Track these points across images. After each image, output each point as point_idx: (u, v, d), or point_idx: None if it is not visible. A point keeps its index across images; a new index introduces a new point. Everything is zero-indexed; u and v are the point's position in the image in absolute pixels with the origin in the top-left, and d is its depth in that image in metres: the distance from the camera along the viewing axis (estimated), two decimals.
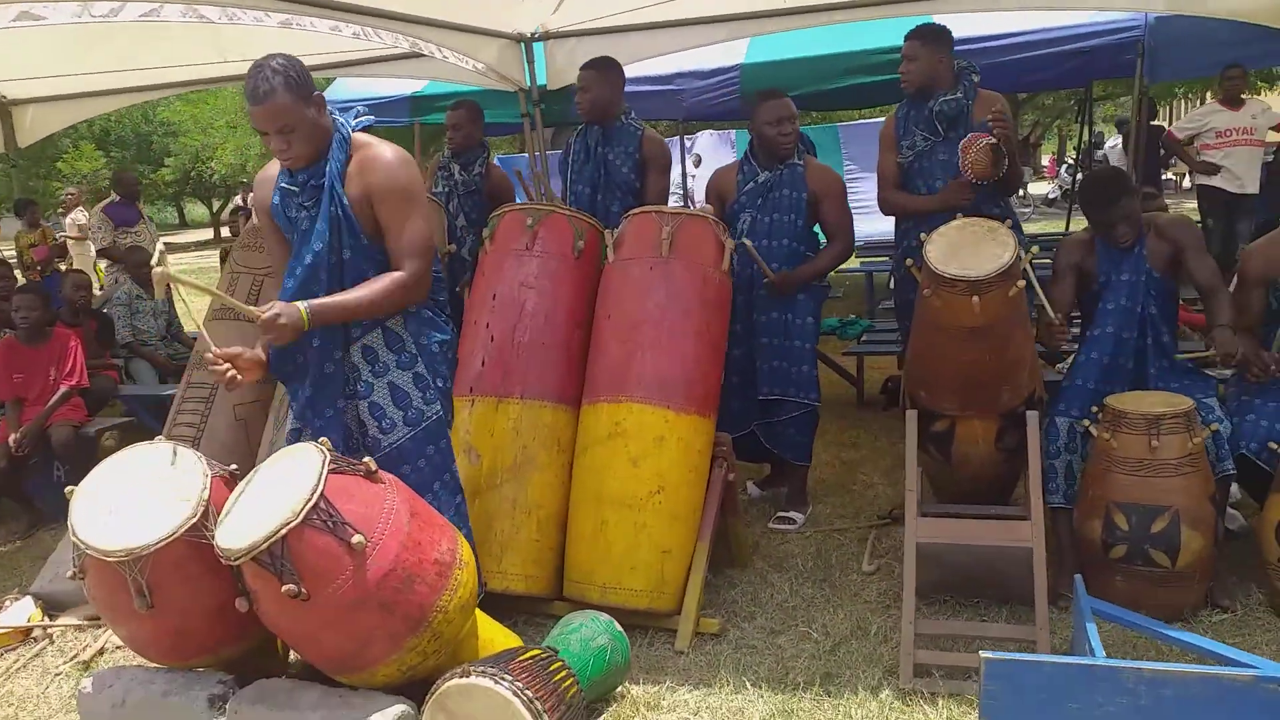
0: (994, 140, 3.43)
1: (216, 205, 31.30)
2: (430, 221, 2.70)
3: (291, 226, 2.66)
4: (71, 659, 3.13)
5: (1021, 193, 17.96)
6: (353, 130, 2.64)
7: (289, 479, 2.35)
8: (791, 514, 3.88)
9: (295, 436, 2.72)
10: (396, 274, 2.57)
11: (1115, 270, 3.22)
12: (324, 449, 2.40)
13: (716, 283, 3.33)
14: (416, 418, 2.72)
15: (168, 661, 2.60)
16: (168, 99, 21.59)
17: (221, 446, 3.57)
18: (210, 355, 2.48)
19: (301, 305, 2.46)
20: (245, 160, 22.83)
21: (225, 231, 18.41)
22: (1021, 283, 2.89)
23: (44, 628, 3.33)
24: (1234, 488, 3.29)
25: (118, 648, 3.20)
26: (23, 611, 3.36)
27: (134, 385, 5.58)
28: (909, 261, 3.07)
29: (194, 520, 2.40)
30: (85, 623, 3.36)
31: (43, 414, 4.44)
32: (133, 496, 2.46)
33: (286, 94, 2.46)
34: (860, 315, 6.79)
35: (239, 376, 2.48)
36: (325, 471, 2.32)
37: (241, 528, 2.30)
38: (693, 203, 10.97)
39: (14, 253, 12.37)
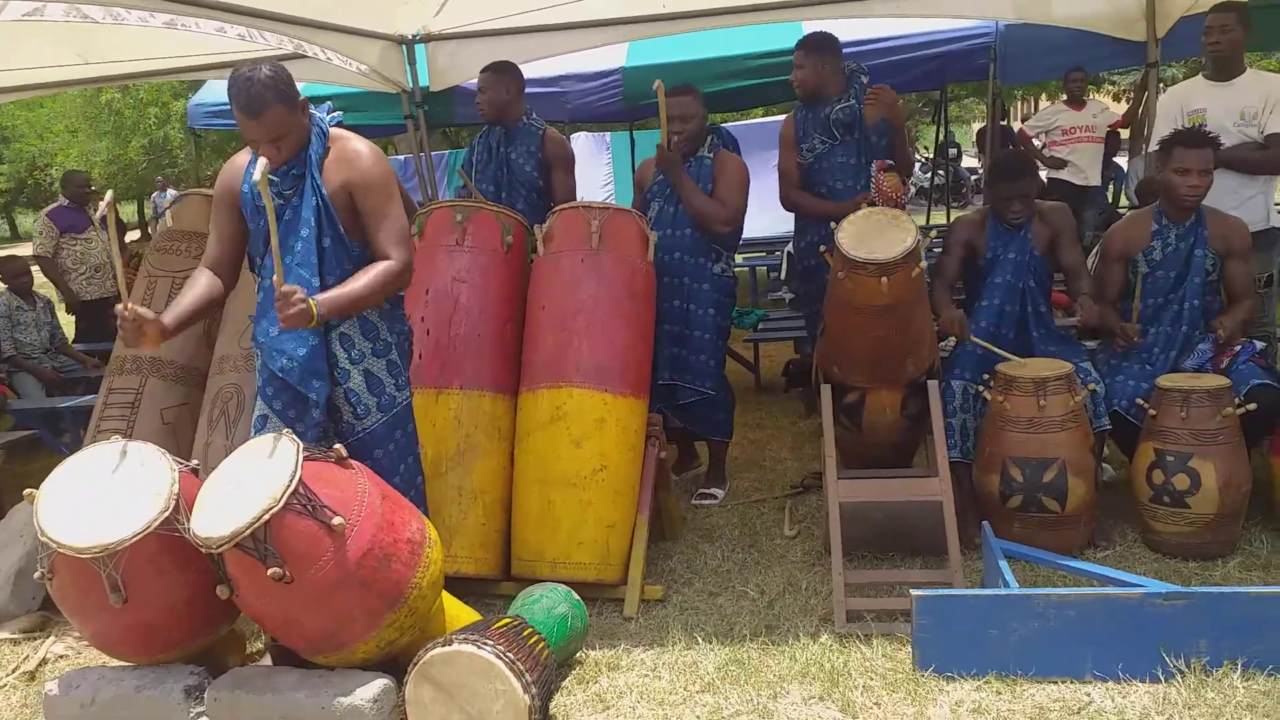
0: (892, 163, 3.78)
1: None
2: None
3: (260, 215, 2.70)
4: (13, 671, 3.06)
5: None
6: (328, 125, 2.72)
7: (263, 468, 2.42)
8: (713, 490, 4.11)
9: (262, 424, 2.76)
10: (387, 263, 2.66)
11: (1004, 248, 3.61)
12: (294, 438, 2.47)
13: (643, 273, 3.54)
14: (389, 404, 2.82)
15: (137, 658, 2.61)
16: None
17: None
18: (121, 307, 2.48)
19: (311, 300, 2.50)
20: (90, 167, 21.62)
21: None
22: (923, 264, 3.21)
23: None
24: None
25: (60, 657, 3.15)
26: None
27: (21, 400, 5.36)
28: (822, 248, 3.34)
29: (166, 513, 2.43)
30: (20, 636, 3.28)
31: None
32: (98, 495, 2.47)
33: (281, 105, 2.53)
34: (748, 306, 7.13)
35: (143, 335, 2.50)
36: (300, 458, 2.41)
37: (219, 517, 2.35)
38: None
39: None
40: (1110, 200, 8.23)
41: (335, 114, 2.77)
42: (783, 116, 4.63)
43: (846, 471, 3.58)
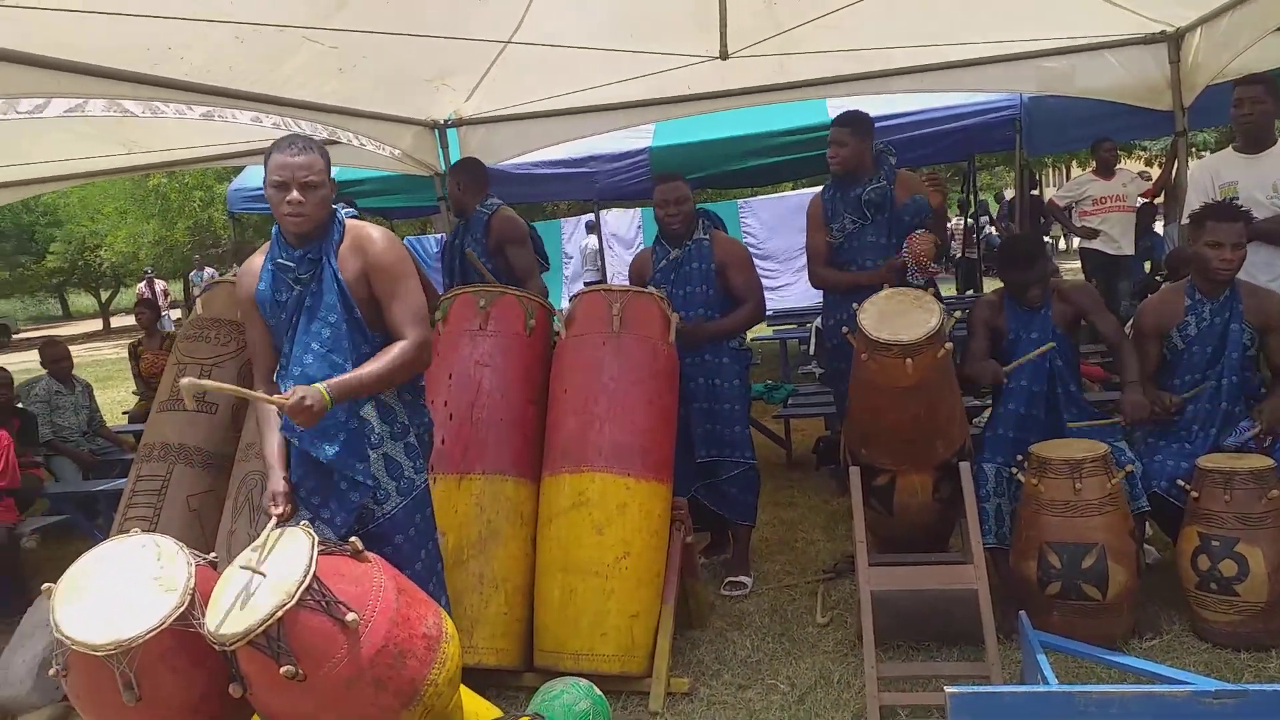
0: (934, 236, 3.77)
1: (105, 295, 30.28)
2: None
3: (280, 310, 2.72)
4: None
5: None
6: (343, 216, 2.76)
7: (278, 563, 2.39)
8: (740, 578, 4.02)
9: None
10: (402, 343, 2.66)
11: (1024, 329, 3.55)
12: (309, 531, 2.45)
13: (665, 355, 3.52)
14: (408, 487, 2.80)
15: None
16: None
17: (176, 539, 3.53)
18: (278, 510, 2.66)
19: (321, 386, 2.51)
20: (138, 248, 22.26)
21: (130, 321, 17.86)
22: (949, 345, 3.15)
23: None
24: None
25: None
26: None
27: (58, 483, 5.42)
28: (845, 330, 3.31)
29: (182, 609, 2.40)
30: None
31: None
32: (114, 589, 2.45)
33: (320, 159, 2.65)
34: (778, 380, 7.08)
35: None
36: (315, 553, 2.38)
37: (234, 614, 2.32)
38: (606, 277, 11.24)
39: None
40: (1148, 271, 8.11)
41: (349, 209, 2.82)
42: (811, 190, 4.65)
43: (879, 557, 3.49)
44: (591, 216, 12.22)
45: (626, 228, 14.16)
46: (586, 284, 10.76)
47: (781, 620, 3.63)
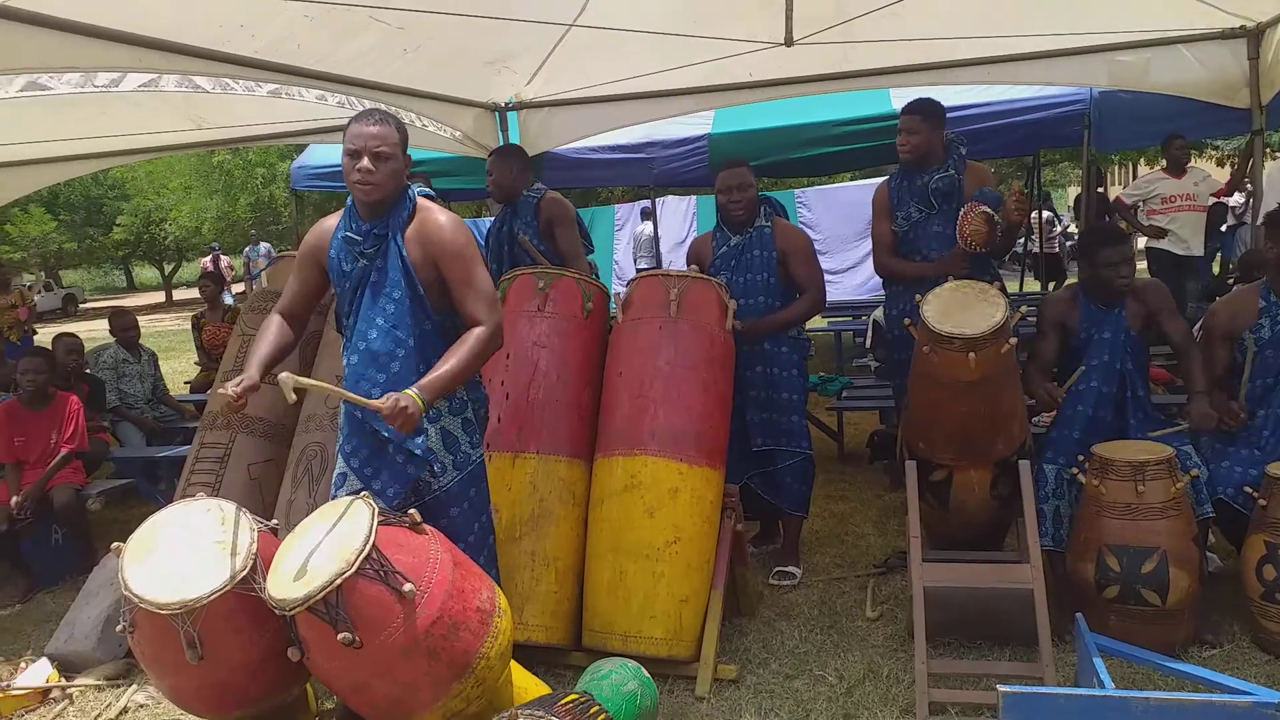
0: (988, 210, 3.66)
1: (169, 268, 30.97)
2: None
3: (344, 279, 2.77)
4: (95, 718, 3.13)
5: None
6: (415, 195, 2.80)
7: (339, 531, 2.44)
8: (790, 569, 4.00)
9: (341, 481, 2.80)
10: (478, 330, 2.69)
11: (1097, 328, 3.46)
12: (370, 502, 2.49)
13: (722, 341, 3.50)
14: (464, 461, 2.83)
15: (209, 714, 2.63)
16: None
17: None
18: (228, 397, 2.59)
19: (413, 391, 2.56)
20: (200, 223, 22.74)
21: (192, 294, 18.25)
22: (1014, 340, 3.10)
23: (63, 688, 3.32)
24: None
25: (140, 706, 3.21)
26: (40, 673, 3.35)
27: (123, 448, 5.57)
28: (906, 321, 3.27)
29: (244, 573, 2.47)
30: (105, 683, 3.35)
31: (44, 477, 4.44)
32: (180, 551, 2.52)
33: (395, 132, 2.69)
34: (832, 372, 7.03)
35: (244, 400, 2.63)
36: (375, 523, 2.42)
37: (295, 579, 2.37)
38: (661, 264, 11.23)
39: None
40: (1216, 273, 7.90)
41: (425, 189, 2.85)
42: (872, 181, 4.59)
43: (932, 553, 3.45)
44: (647, 203, 12.20)
45: (680, 215, 14.12)
46: (639, 271, 10.75)
47: (830, 613, 3.61)
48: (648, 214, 12.29)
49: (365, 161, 2.64)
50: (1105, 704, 2.42)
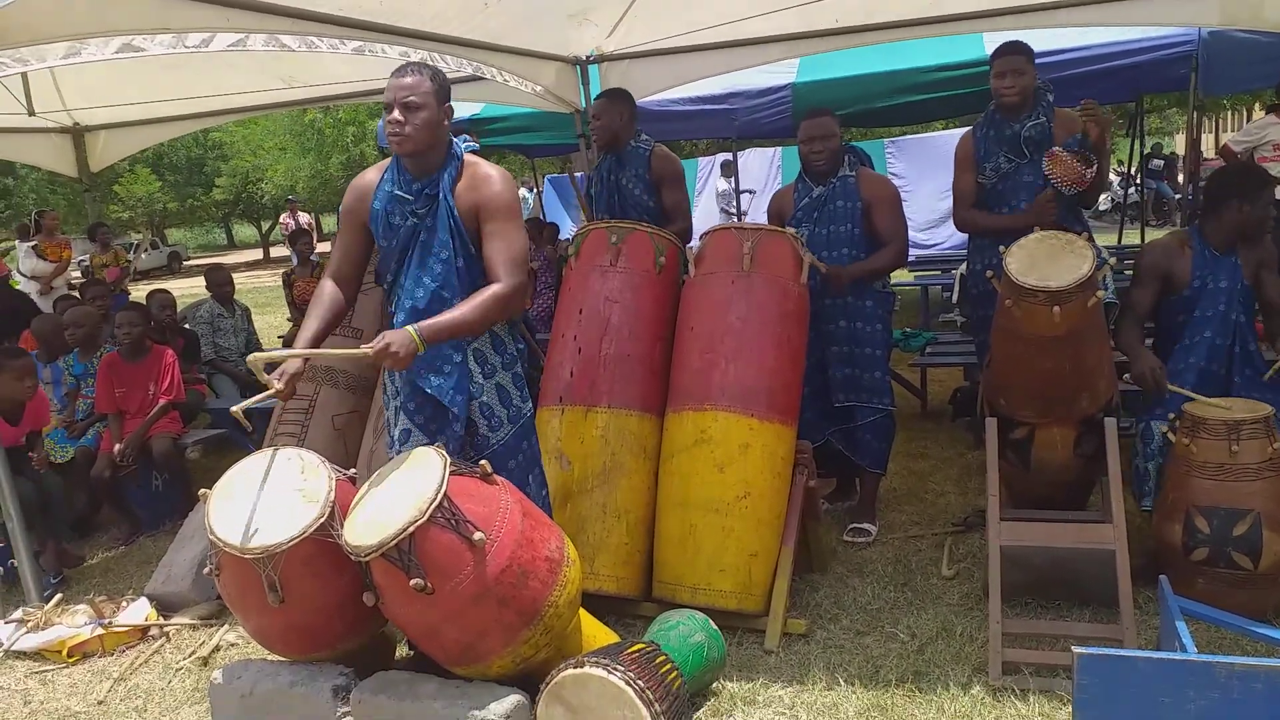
0: (1079, 150, 3.50)
1: (265, 226, 31.94)
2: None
3: (392, 234, 2.79)
4: (190, 655, 3.30)
5: None
6: (462, 151, 2.80)
7: (412, 481, 2.50)
8: (865, 525, 3.95)
9: (406, 437, 2.86)
10: (495, 287, 2.68)
11: (1213, 276, 3.27)
12: (442, 452, 2.54)
13: (796, 295, 3.45)
14: (517, 415, 2.88)
15: (291, 654, 2.75)
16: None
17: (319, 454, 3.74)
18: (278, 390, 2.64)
19: (411, 329, 2.57)
20: (294, 182, 23.35)
21: (287, 251, 18.69)
22: (1101, 293, 2.98)
23: (161, 627, 3.51)
24: None
25: (231, 645, 3.37)
26: (139, 612, 3.54)
27: (218, 399, 5.81)
28: (989, 273, 3.16)
29: (322, 520, 2.55)
30: (199, 622, 3.53)
31: (144, 426, 4.66)
32: (262, 499, 2.62)
33: (428, 81, 2.68)
34: (917, 328, 6.87)
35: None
36: (447, 473, 2.47)
37: (369, 527, 2.45)
38: (741, 218, 11.09)
39: (79, 275, 12.77)
40: None
41: (471, 143, 2.85)
42: (961, 130, 4.40)
43: (1011, 511, 3.36)
44: (728, 156, 12.02)
45: (764, 167, 13.89)
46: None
47: (905, 570, 3.57)
48: (728, 167, 12.12)
49: (395, 113, 2.65)
50: (1186, 668, 2.33)
